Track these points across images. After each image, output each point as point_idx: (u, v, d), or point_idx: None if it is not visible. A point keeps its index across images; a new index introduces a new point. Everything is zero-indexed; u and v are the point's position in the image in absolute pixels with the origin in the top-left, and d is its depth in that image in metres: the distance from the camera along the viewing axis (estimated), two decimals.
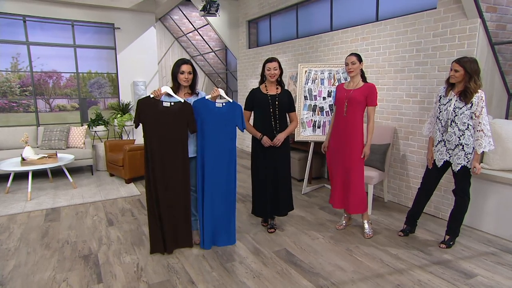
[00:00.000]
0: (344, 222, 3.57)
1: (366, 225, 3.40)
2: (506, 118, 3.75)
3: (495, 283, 2.55)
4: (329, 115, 4.55)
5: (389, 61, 4.19)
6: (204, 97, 2.91)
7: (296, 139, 4.70)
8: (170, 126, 2.80)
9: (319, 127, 4.62)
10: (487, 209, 3.41)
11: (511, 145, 3.37)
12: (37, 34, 6.82)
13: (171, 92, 2.83)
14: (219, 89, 2.90)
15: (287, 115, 3.34)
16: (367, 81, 3.28)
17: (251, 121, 3.37)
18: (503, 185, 3.28)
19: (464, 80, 2.81)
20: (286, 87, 6.13)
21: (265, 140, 3.22)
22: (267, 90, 3.25)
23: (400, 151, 4.15)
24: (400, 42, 4.04)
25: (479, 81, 2.77)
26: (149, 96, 2.79)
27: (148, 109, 2.77)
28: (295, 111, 3.38)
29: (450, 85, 2.94)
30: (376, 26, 4.33)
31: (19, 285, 2.50)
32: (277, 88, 3.27)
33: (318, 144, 4.79)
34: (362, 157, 3.23)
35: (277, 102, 3.21)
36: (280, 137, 3.22)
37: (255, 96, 3.25)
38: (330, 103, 4.51)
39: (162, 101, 2.79)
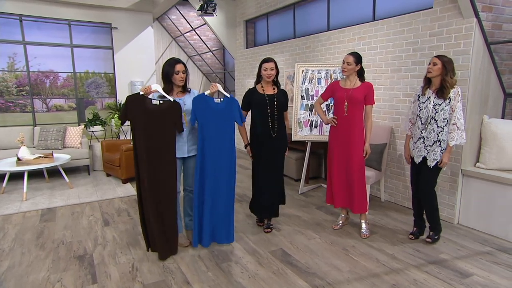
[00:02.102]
0: (340, 222, 3.57)
1: (363, 225, 3.40)
2: (502, 117, 3.75)
3: (490, 282, 2.55)
4: (326, 115, 4.53)
5: (386, 60, 4.19)
6: (204, 93, 2.89)
7: (293, 138, 4.69)
8: (158, 124, 2.75)
9: (316, 127, 4.61)
10: (483, 208, 3.40)
11: (507, 144, 3.38)
12: (34, 34, 6.79)
13: (160, 91, 2.80)
14: (217, 84, 2.89)
15: None
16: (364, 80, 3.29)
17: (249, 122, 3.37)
18: (499, 185, 3.28)
19: (442, 73, 2.90)
20: (283, 87, 6.15)
21: (248, 151, 3.37)
22: (263, 90, 3.24)
23: (397, 150, 4.15)
24: (397, 41, 4.04)
25: (454, 77, 2.90)
26: (139, 93, 2.75)
27: (136, 106, 2.72)
28: (287, 109, 3.40)
29: (427, 83, 3.04)
30: (373, 26, 4.33)
31: (12, 286, 2.48)
32: (273, 88, 3.26)
33: (315, 143, 4.79)
34: (364, 155, 3.23)
35: (275, 102, 3.20)
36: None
37: (252, 96, 3.25)
38: (327, 103, 4.50)
39: (151, 99, 2.75)
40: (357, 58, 3.16)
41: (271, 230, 3.46)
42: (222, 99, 2.92)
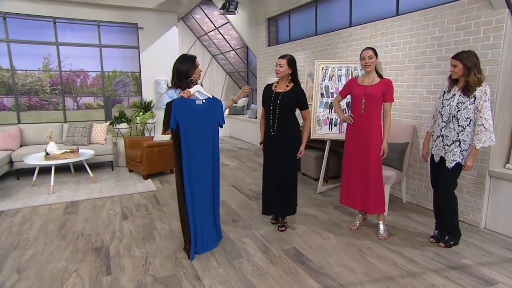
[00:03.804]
0: (358, 222, 3.47)
1: (381, 226, 3.28)
2: None
3: None
4: (346, 113, 4.42)
5: (409, 56, 4.03)
6: (183, 97, 2.74)
7: (312, 137, 4.61)
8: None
9: (335, 125, 4.51)
10: None
11: None
12: (67, 35, 7.11)
13: (202, 90, 2.80)
14: (195, 85, 2.77)
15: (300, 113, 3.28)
16: (383, 76, 3.18)
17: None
18: None
19: (464, 74, 2.75)
20: (304, 85, 6.06)
21: (262, 148, 3.36)
22: (276, 87, 3.21)
23: (420, 150, 3.97)
24: (421, 36, 3.87)
25: (479, 74, 2.71)
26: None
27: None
28: (307, 108, 3.25)
29: (453, 81, 2.89)
30: (396, 21, 4.17)
31: (33, 274, 2.60)
32: (287, 86, 3.20)
33: (335, 142, 4.68)
34: (381, 154, 3.13)
35: (278, 101, 3.14)
36: (302, 149, 3.26)
37: (264, 92, 3.24)
38: (347, 101, 4.39)
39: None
40: (375, 50, 3.08)
41: (286, 228, 3.41)
42: (204, 100, 2.81)
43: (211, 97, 2.85)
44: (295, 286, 2.46)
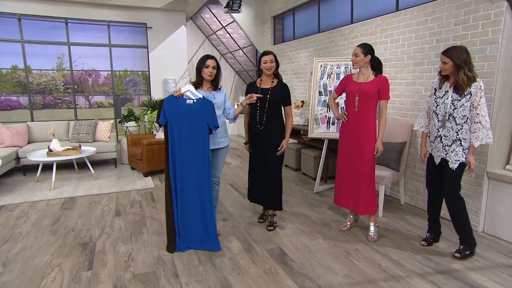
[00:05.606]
0: (349, 223, 3.38)
1: (371, 228, 3.19)
2: None
3: None
4: (338, 110, 4.32)
5: (408, 53, 3.89)
6: (173, 95, 2.80)
7: (309, 135, 4.55)
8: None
9: (333, 124, 4.42)
10: None
11: None
12: (79, 35, 7.30)
13: (193, 90, 2.81)
14: (187, 85, 2.81)
15: (282, 109, 3.24)
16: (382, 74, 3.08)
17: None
18: None
19: (454, 71, 2.60)
20: (306, 83, 5.98)
21: (246, 148, 3.35)
22: (261, 83, 3.18)
23: (419, 150, 3.84)
24: (420, 32, 3.73)
25: (470, 72, 2.54)
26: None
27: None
28: (290, 105, 3.25)
29: (443, 77, 2.73)
30: (396, 17, 4.04)
31: (18, 267, 2.67)
32: (272, 82, 3.18)
33: (332, 141, 4.59)
34: (375, 153, 3.04)
35: (268, 96, 3.11)
36: (284, 144, 3.20)
37: (249, 90, 3.21)
38: (345, 99, 4.28)
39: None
40: (365, 49, 2.97)
41: (274, 228, 3.37)
42: (195, 100, 2.81)
43: (201, 97, 2.84)
44: (271, 286, 2.42)
